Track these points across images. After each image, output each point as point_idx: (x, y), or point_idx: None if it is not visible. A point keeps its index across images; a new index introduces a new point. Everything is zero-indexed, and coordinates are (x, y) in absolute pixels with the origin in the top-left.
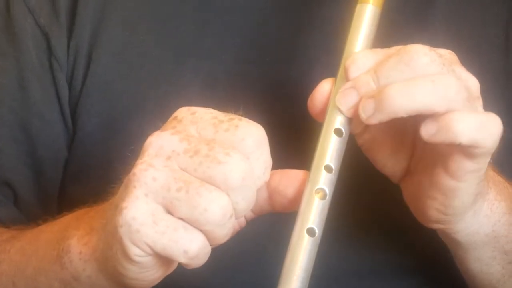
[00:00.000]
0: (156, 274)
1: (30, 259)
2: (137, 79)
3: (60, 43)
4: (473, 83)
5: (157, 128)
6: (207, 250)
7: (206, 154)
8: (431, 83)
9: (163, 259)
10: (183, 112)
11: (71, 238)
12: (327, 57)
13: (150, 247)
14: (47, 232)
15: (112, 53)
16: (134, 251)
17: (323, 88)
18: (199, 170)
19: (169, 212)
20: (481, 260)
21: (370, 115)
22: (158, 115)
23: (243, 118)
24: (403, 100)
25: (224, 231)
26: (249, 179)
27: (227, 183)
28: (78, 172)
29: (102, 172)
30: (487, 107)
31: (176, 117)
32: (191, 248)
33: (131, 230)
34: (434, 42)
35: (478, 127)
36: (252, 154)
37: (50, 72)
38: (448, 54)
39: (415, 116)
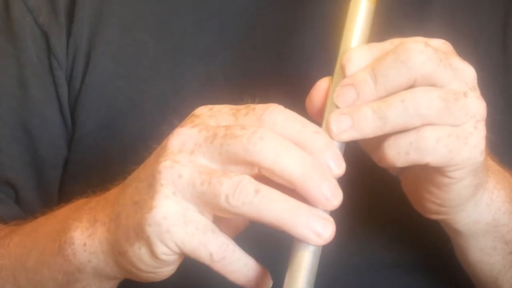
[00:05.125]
0: (174, 269)
1: (31, 252)
2: (135, 78)
3: (60, 42)
4: (469, 73)
5: (173, 126)
6: (236, 255)
7: (224, 134)
8: (401, 104)
9: (183, 255)
10: (201, 109)
11: (73, 230)
12: (324, 54)
13: (179, 247)
14: (46, 225)
15: (110, 53)
16: (162, 250)
17: (321, 87)
18: (223, 152)
19: (199, 207)
20: (481, 250)
21: (344, 131)
22: (157, 114)
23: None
24: (378, 123)
25: (258, 207)
26: (270, 136)
27: (248, 150)
28: (78, 171)
29: (102, 171)
30: (486, 103)
31: (194, 114)
32: (217, 251)
33: (161, 230)
34: (431, 38)
35: (409, 147)
36: (277, 124)
37: (49, 71)
38: (442, 46)
39: None
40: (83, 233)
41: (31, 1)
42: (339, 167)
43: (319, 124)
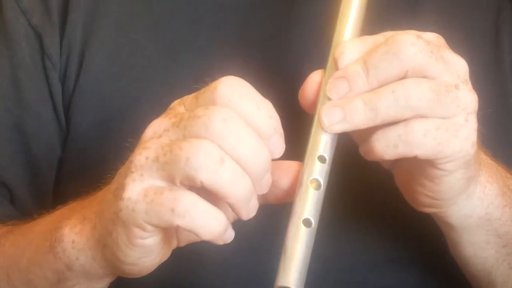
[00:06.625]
0: (154, 260)
1: (24, 251)
2: (130, 77)
3: (53, 43)
4: (461, 67)
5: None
6: (202, 207)
7: (188, 116)
8: (392, 95)
9: (163, 241)
10: (175, 102)
11: (63, 228)
12: (318, 50)
13: (147, 222)
14: (40, 224)
15: (105, 52)
16: (136, 233)
17: (313, 79)
18: (186, 133)
19: (167, 182)
20: (474, 244)
21: (335, 123)
22: (152, 113)
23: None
24: (369, 114)
25: (223, 176)
26: (233, 121)
27: (209, 130)
28: (73, 171)
29: (97, 171)
30: (478, 99)
31: (169, 107)
32: (177, 205)
33: (129, 211)
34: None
35: (397, 140)
36: (232, 99)
37: (43, 72)
38: (435, 39)
39: None
40: (71, 230)
41: (24, 2)
42: (280, 152)
43: (312, 117)
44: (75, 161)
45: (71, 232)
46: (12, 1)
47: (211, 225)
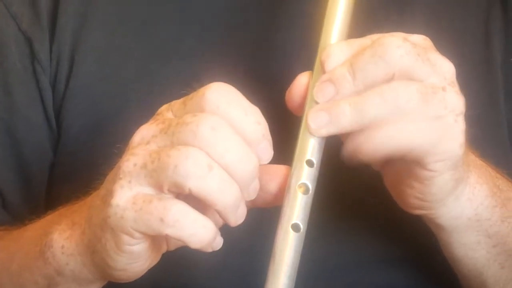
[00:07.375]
0: (144, 265)
1: (15, 256)
2: (120, 81)
3: (43, 47)
4: (448, 69)
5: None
6: (191, 217)
7: (176, 123)
8: (378, 98)
9: (151, 247)
10: (163, 107)
11: (53, 233)
12: (306, 52)
13: (135, 229)
14: (31, 230)
15: (94, 56)
16: (124, 240)
17: (300, 82)
18: (174, 140)
19: (155, 189)
20: (465, 244)
21: (322, 126)
22: (142, 116)
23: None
24: (355, 117)
25: (211, 184)
26: (221, 128)
27: (197, 137)
28: (65, 174)
29: (88, 174)
30: (468, 99)
31: (156, 112)
32: (166, 214)
33: (117, 218)
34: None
35: (384, 141)
36: (220, 106)
37: (33, 76)
38: (422, 41)
39: None
40: (61, 235)
41: (14, 7)
42: (267, 158)
43: (299, 120)
44: (67, 164)
45: (60, 238)
46: (1, 6)
47: (200, 234)
